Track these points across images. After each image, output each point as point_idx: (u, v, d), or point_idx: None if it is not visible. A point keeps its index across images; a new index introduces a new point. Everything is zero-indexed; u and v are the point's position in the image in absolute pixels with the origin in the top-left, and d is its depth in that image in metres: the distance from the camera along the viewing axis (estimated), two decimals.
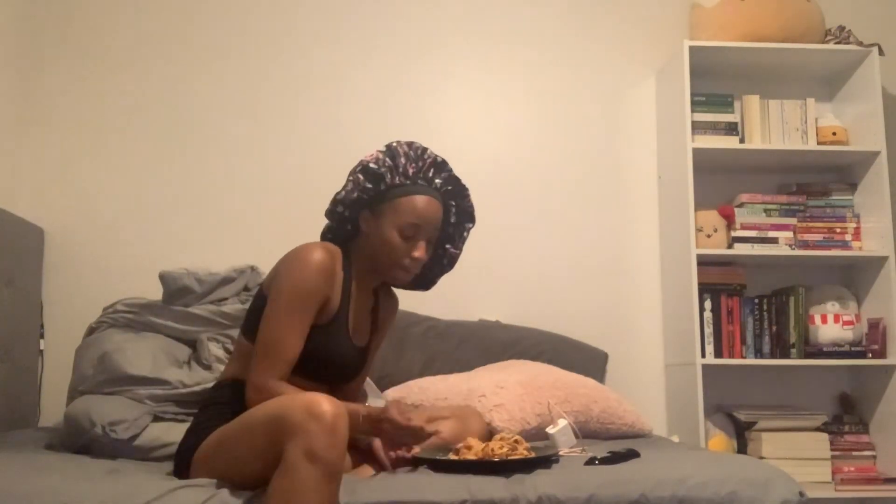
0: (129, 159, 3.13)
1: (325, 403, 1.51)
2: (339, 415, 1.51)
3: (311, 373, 1.87)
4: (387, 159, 1.93)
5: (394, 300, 2.19)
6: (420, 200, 1.92)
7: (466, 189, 2.05)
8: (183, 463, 1.79)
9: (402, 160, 1.94)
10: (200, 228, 3.10)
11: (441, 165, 2.00)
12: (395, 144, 1.97)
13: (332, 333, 1.89)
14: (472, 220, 2.08)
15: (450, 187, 2.01)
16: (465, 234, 2.08)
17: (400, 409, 1.77)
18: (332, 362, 1.91)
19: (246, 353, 1.89)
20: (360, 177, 1.94)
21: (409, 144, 1.98)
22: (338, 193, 1.98)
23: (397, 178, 1.94)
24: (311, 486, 1.46)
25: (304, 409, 1.50)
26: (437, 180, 1.98)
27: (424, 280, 2.12)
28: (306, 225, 3.13)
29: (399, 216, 1.91)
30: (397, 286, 2.15)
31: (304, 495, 1.46)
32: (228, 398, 1.86)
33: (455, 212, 2.05)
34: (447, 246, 2.07)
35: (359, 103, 3.21)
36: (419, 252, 1.92)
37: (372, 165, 1.92)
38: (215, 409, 1.84)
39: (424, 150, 1.99)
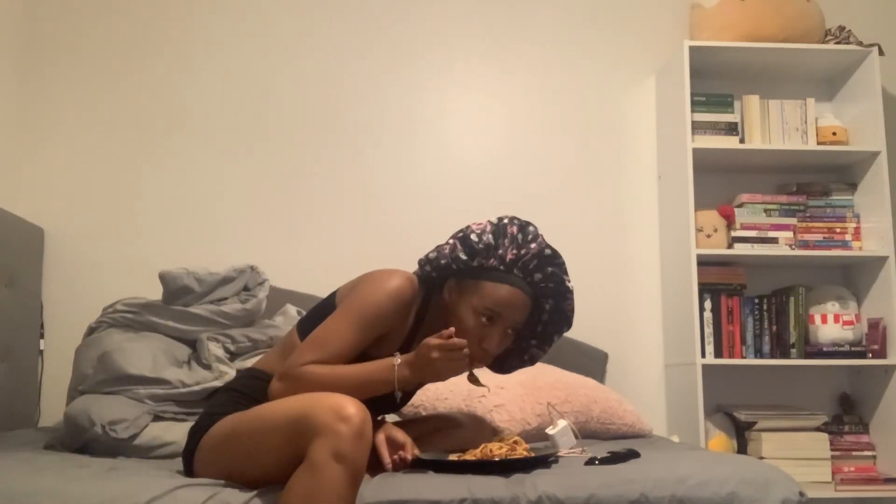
0: (129, 159, 3.13)
1: (351, 406, 1.50)
2: (366, 419, 1.50)
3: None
4: (490, 237, 1.81)
5: None
6: (507, 291, 1.78)
7: (569, 291, 1.87)
8: (194, 444, 1.76)
9: (506, 242, 1.81)
10: (200, 228, 3.10)
11: (547, 259, 1.83)
12: (506, 221, 1.84)
13: None
14: (568, 324, 1.91)
15: (550, 285, 1.84)
16: (557, 337, 1.94)
17: (435, 338, 1.68)
18: (373, 401, 1.78)
19: (292, 348, 1.84)
20: (457, 244, 1.82)
21: (522, 227, 1.84)
22: (430, 252, 1.86)
23: (492, 261, 1.81)
24: (336, 486, 1.46)
25: (331, 411, 1.49)
26: (536, 275, 1.82)
27: (500, 365, 1.98)
28: (306, 224, 3.15)
29: (480, 300, 1.78)
30: None
31: (330, 494, 1.45)
32: (253, 388, 1.82)
33: (549, 310, 1.88)
34: (532, 342, 1.93)
35: (358, 102, 3.21)
36: (490, 343, 1.80)
37: (472, 237, 1.81)
38: (236, 395, 1.81)
39: (535, 237, 1.84)
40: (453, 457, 1.84)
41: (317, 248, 3.12)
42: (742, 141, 3.10)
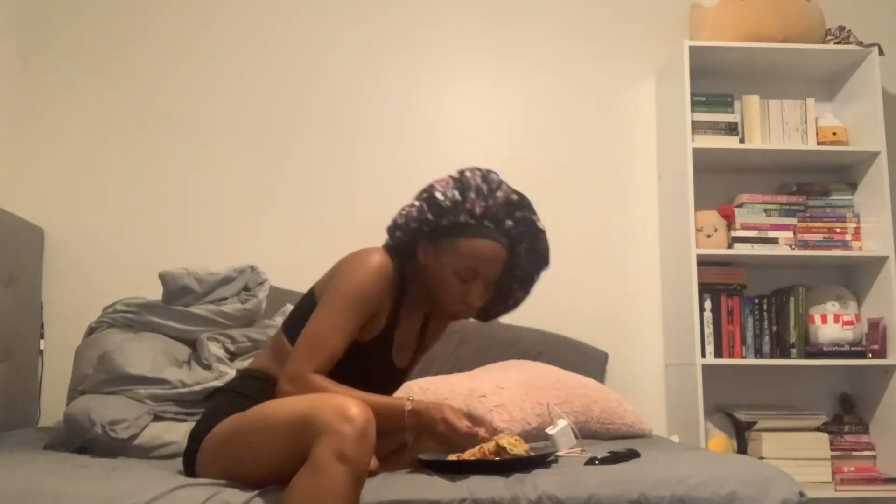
0: (129, 159, 3.13)
1: (354, 407, 1.50)
2: (369, 420, 1.51)
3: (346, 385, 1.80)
4: (455, 192, 1.79)
5: (444, 323, 2.09)
6: (483, 246, 1.79)
7: (541, 231, 1.88)
8: (194, 447, 1.76)
9: (472, 195, 1.80)
10: (200, 228, 3.10)
11: (515, 205, 1.84)
12: (468, 175, 1.82)
13: (373, 352, 1.84)
14: (545, 263, 1.92)
15: (522, 229, 1.86)
16: (537, 277, 1.94)
17: (455, 412, 1.73)
18: (368, 381, 1.81)
19: (281, 350, 1.84)
20: (424, 206, 1.80)
21: (484, 176, 1.82)
22: (398, 217, 1.84)
23: (462, 217, 1.80)
24: (339, 487, 1.46)
25: (334, 411, 1.49)
26: (507, 222, 1.84)
27: (484, 313, 1.99)
28: (306, 224, 3.15)
29: (458, 259, 1.79)
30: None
31: (333, 495, 1.45)
32: (251, 389, 1.82)
33: (525, 253, 1.89)
34: (514, 286, 1.93)
35: (358, 102, 3.21)
36: (473, 298, 1.83)
37: (438, 196, 1.79)
38: (235, 396, 1.81)
39: (499, 184, 1.83)
40: (453, 457, 1.84)
41: (317, 248, 3.11)
42: (742, 141, 3.10)
